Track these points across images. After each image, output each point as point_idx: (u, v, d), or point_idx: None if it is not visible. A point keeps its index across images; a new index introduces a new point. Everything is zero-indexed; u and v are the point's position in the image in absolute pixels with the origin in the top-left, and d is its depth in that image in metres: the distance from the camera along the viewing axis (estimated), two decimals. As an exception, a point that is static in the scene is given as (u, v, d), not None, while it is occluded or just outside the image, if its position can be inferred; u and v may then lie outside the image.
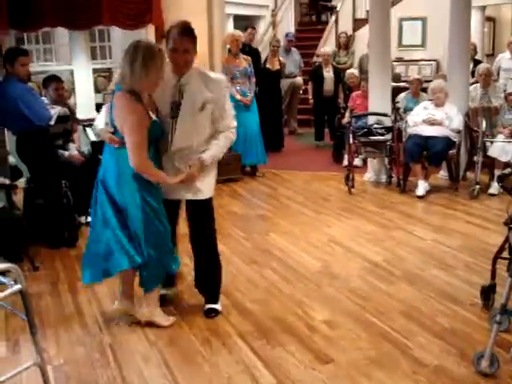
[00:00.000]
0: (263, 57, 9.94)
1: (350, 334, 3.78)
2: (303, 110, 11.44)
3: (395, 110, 7.49)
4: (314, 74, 10.20)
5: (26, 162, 5.56)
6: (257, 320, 3.99)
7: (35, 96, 5.64)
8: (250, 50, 9.16)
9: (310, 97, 10.27)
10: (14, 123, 5.39)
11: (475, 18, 10.34)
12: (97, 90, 9.61)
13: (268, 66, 9.66)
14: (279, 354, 3.56)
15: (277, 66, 9.73)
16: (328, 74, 9.95)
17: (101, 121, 4.03)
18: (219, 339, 3.76)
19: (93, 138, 6.76)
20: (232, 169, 7.72)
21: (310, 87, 10.31)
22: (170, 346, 3.69)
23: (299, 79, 10.93)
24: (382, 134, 7.32)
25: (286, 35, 11.19)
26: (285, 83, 10.42)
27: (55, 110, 6.08)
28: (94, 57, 9.49)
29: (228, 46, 8.24)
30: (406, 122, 7.34)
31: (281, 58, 9.94)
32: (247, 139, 7.84)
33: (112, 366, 3.51)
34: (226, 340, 3.74)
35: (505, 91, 7.82)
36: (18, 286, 2.62)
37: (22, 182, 6.04)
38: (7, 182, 5.27)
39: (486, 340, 3.27)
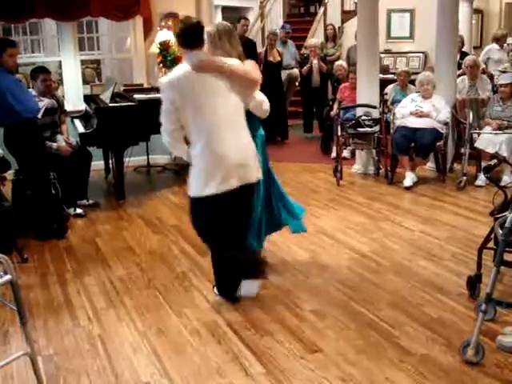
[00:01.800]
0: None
1: (337, 323, 3.81)
2: (292, 102, 11.43)
3: (383, 101, 7.52)
4: (302, 66, 10.21)
5: (14, 153, 5.55)
6: (246, 310, 4.02)
7: (23, 88, 5.62)
8: (245, 41, 9.14)
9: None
10: (1, 115, 5.36)
11: (463, 10, 10.36)
12: (85, 82, 9.58)
13: (270, 58, 9.67)
14: (268, 344, 3.59)
15: (278, 58, 9.75)
16: (315, 65, 9.96)
17: None
18: (208, 329, 3.78)
19: (81, 129, 6.75)
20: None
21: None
22: (159, 336, 3.72)
23: (296, 71, 10.85)
24: (370, 126, 7.36)
25: (283, 27, 11.20)
26: (282, 74, 10.43)
27: (43, 103, 6.06)
28: (81, 48, 9.44)
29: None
30: (394, 113, 7.37)
31: (279, 49, 9.96)
32: None
33: (102, 356, 3.52)
34: (215, 330, 3.77)
35: (491, 82, 7.87)
36: (8, 277, 2.63)
37: (10, 174, 6.02)
38: (-5, 173, 5.26)
39: (473, 329, 3.30)
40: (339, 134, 7.37)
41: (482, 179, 6.83)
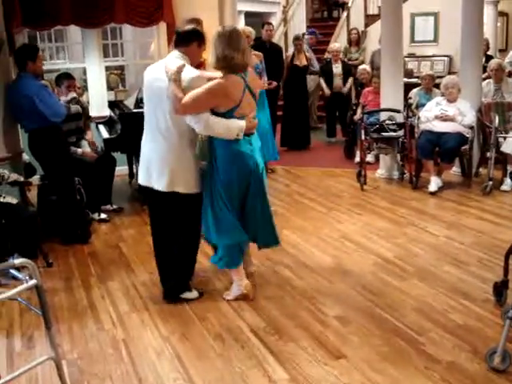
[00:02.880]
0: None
1: (362, 329, 3.78)
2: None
3: (407, 106, 7.47)
4: (323, 70, 10.21)
5: (39, 159, 5.61)
6: (269, 316, 4.00)
7: (50, 93, 5.69)
8: (270, 46, 9.14)
9: (326, 91, 10.19)
10: (29, 120, 5.42)
11: (488, 12, 10.28)
12: (109, 88, 9.65)
13: (296, 62, 9.67)
14: (291, 350, 3.57)
15: (304, 62, 9.75)
16: (337, 69, 9.94)
17: None
18: (231, 334, 3.77)
19: (105, 135, 6.80)
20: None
21: (323, 82, 10.25)
22: (183, 341, 3.72)
23: None
24: (394, 130, 7.31)
25: (313, 32, 11.27)
26: (314, 79, 10.45)
27: (69, 97, 6.16)
28: (106, 54, 9.52)
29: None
30: (419, 118, 7.31)
31: (307, 54, 9.97)
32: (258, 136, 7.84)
33: (125, 360, 3.54)
34: (239, 335, 3.76)
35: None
36: (33, 281, 2.65)
37: (35, 179, 6.08)
38: (21, 179, 5.31)
39: (499, 336, 3.26)
40: (363, 138, 7.33)
41: (508, 184, 6.75)
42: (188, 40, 4.07)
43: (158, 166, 4.07)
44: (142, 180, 4.23)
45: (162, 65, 4.00)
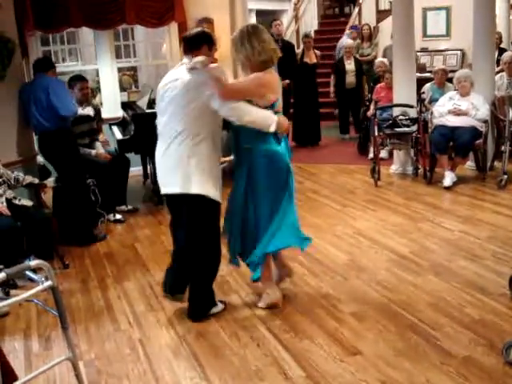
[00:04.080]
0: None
1: (377, 325, 3.78)
2: (325, 104, 11.40)
3: (420, 100, 7.43)
4: (336, 67, 10.20)
5: (50, 160, 5.68)
6: (284, 313, 4.01)
7: (64, 86, 5.77)
8: (283, 44, 9.14)
9: (332, 89, 10.21)
10: (41, 116, 5.46)
11: (500, 5, 10.20)
12: (122, 89, 9.71)
13: (306, 59, 9.68)
14: (307, 347, 3.58)
15: (314, 60, 9.77)
16: (350, 66, 9.93)
17: None
18: (247, 332, 3.79)
19: (119, 136, 6.84)
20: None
21: (331, 80, 10.25)
22: (199, 340, 3.74)
23: None
24: (408, 126, 7.28)
25: (356, 27, 11.60)
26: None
27: (85, 111, 6.22)
28: (118, 56, 9.57)
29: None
30: (432, 112, 7.28)
31: (316, 52, 9.97)
32: None
33: (142, 360, 3.56)
34: (254, 333, 3.78)
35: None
36: (48, 283, 2.67)
37: (50, 182, 6.13)
38: (36, 181, 5.35)
39: (515, 330, 3.25)
40: (376, 134, 7.31)
41: (523, 177, 6.70)
42: (197, 45, 3.86)
43: (171, 167, 3.86)
44: (163, 189, 3.99)
45: (174, 72, 3.91)
